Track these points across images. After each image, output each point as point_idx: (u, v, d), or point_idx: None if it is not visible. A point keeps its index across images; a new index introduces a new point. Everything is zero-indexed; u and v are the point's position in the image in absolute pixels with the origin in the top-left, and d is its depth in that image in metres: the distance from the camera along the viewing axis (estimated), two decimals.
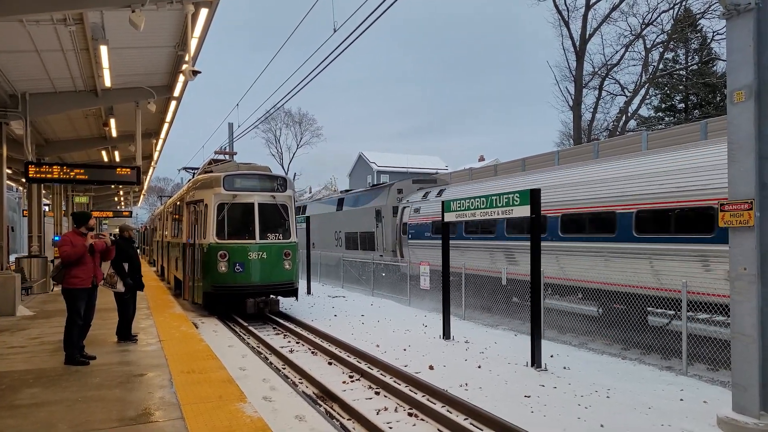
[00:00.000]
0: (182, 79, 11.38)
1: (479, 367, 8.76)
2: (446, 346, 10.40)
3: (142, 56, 11.13)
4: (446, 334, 11.02)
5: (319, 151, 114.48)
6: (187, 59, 9.10)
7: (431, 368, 8.65)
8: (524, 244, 10.55)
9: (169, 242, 19.30)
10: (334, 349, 10.07)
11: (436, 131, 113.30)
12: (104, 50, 9.64)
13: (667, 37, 27.43)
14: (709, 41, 29.01)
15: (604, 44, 38.17)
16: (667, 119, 32.74)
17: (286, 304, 15.42)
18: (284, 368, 9.04)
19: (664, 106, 33.62)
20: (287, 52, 15.13)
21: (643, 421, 6.23)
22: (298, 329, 12.18)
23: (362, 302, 16.76)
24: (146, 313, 11.75)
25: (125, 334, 8.73)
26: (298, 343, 11.11)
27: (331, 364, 9.29)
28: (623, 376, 8.25)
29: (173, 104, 14.06)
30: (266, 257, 13.06)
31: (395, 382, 7.82)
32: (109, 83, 11.65)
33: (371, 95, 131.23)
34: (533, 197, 8.57)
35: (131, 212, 44.94)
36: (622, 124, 29.50)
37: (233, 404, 5.42)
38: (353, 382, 8.15)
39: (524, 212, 8.73)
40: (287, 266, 13.38)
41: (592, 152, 16.80)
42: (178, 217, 16.77)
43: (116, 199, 40.47)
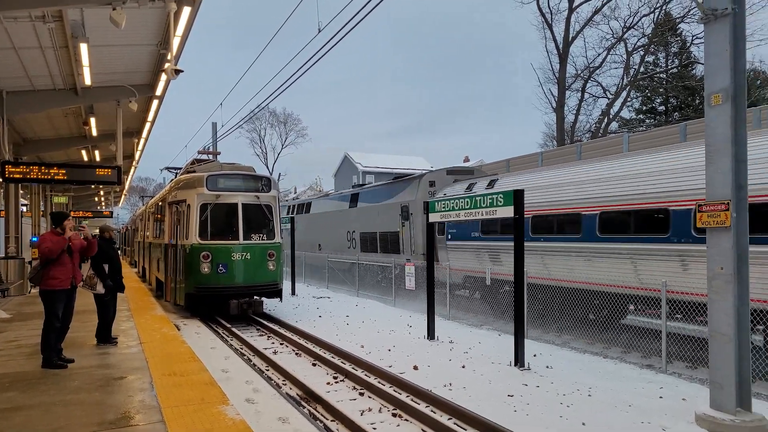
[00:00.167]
0: (164, 77, 11.28)
1: (463, 367, 8.79)
2: (431, 346, 10.42)
3: (123, 54, 11.00)
4: (431, 334, 11.05)
5: (304, 151, 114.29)
6: (169, 58, 9.01)
7: (416, 368, 8.66)
8: (631, 246, 9.74)
9: (150, 243, 19.08)
10: (318, 350, 10.04)
11: (423, 132, 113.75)
12: (84, 48, 9.50)
13: (647, 40, 27.84)
14: (688, 45, 29.51)
15: (586, 47, 38.55)
16: (647, 121, 33.22)
17: (270, 305, 15.33)
18: (268, 370, 8.99)
19: (645, 108, 34.11)
20: (272, 51, 15.09)
21: (623, 418, 6.31)
22: (282, 330, 12.12)
23: (347, 303, 16.73)
24: (127, 315, 11.59)
25: (105, 336, 8.61)
26: (282, 344, 11.05)
27: (315, 365, 9.26)
28: (605, 374, 8.35)
29: (155, 103, 13.90)
30: (250, 258, 12.97)
31: (379, 382, 7.82)
32: (89, 81, 11.48)
33: (357, 95, 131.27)
34: (516, 198, 8.63)
35: (112, 212, 44.31)
36: (604, 125, 29.86)
37: (215, 407, 5.37)
38: (337, 383, 8.13)
39: (508, 213, 8.79)
40: (271, 267, 13.31)
41: (575, 153, 16.99)
42: (160, 217, 16.59)
43: (97, 199, 39.90)
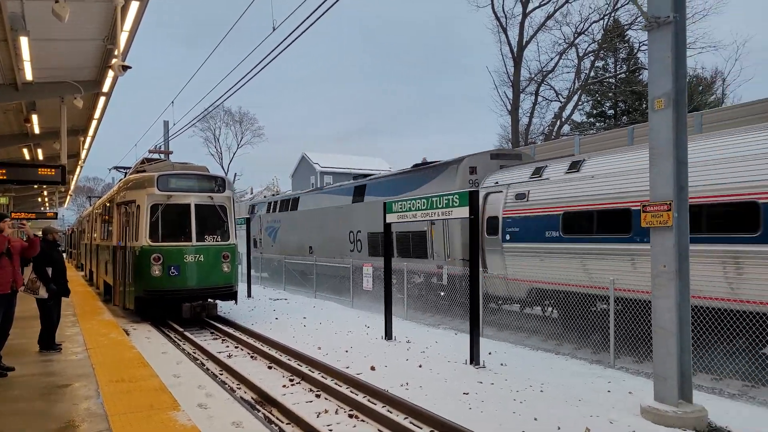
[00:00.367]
0: (111, 74, 10.87)
1: (420, 366, 8.85)
2: (388, 346, 10.45)
3: (67, 49, 10.53)
4: (388, 334, 11.08)
5: (260, 151, 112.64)
6: (116, 53, 8.69)
7: (373, 369, 8.66)
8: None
9: (98, 245, 18.37)
10: (274, 352, 9.90)
11: (381, 133, 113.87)
12: (25, 42, 9.05)
13: (597, 46, 28.82)
14: (635, 51, 30.71)
15: (540, 51, 39.77)
16: (598, 124, 34.39)
17: (225, 307, 15.02)
18: (222, 374, 8.80)
19: (595, 112, 35.27)
20: (227, 49, 14.78)
21: (573, 413, 6.49)
22: (237, 333, 11.89)
23: (304, 304, 16.57)
24: (72, 320, 11.12)
25: (48, 342, 8.22)
26: (237, 347, 10.84)
27: (271, 368, 9.12)
28: (557, 370, 8.57)
29: (102, 100, 13.39)
30: (203, 260, 12.67)
31: (336, 384, 7.78)
32: (30, 77, 10.95)
33: (315, 95, 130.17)
34: (472, 199, 8.76)
35: (57, 214, 42.41)
36: (556, 128, 30.72)
37: (165, 413, 5.21)
38: (294, 385, 8.04)
39: (463, 213, 8.90)
40: (226, 269, 13.04)
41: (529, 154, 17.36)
42: (108, 218, 15.99)
43: (40, 200, 38.15)
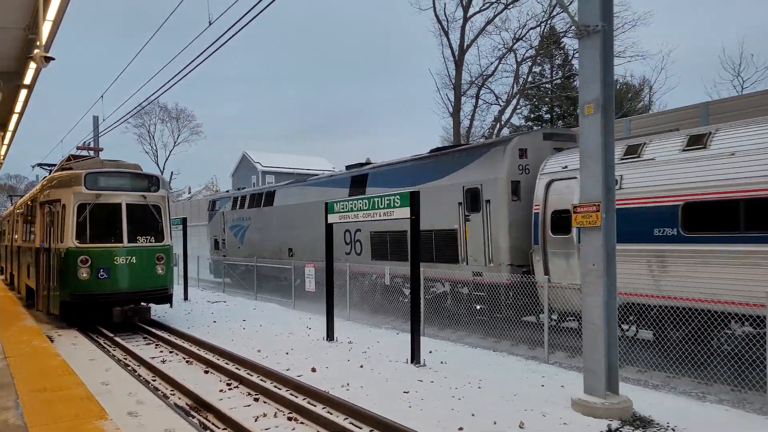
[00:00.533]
0: (34, 65, 10.21)
1: (361, 366, 8.85)
2: (329, 347, 10.38)
3: None
4: (330, 335, 11.01)
5: (199, 149, 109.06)
6: (38, 44, 8.17)
7: (314, 370, 8.58)
8: None
9: (19, 247, 17.22)
10: (211, 356, 9.62)
11: (324, 133, 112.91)
12: None
13: (535, 52, 29.82)
14: (570, 58, 31.99)
15: (480, 55, 40.66)
16: (535, 128, 35.64)
17: (159, 311, 14.46)
18: (155, 380, 8.46)
19: (532, 116, 36.54)
20: (162, 43, 14.22)
21: (509, 407, 6.68)
22: (172, 338, 11.47)
23: (244, 307, 16.20)
24: None
25: None
26: (171, 352, 10.45)
27: (207, 372, 8.86)
28: (494, 367, 8.79)
29: (24, 93, 12.55)
30: (136, 262, 12.13)
31: (276, 387, 7.65)
32: None
33: (256, 93, 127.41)
34: (413, 199, 8.84)
35: None
36: (496, 131, 31.55)
37: (91, 422, 4.94)
38: (231, 389, 7.84)
39: (404, 214, 8.98)
40: (160, 271, 12.54)
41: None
42: (30, 218, 15.03)
43: None
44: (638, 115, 21.43)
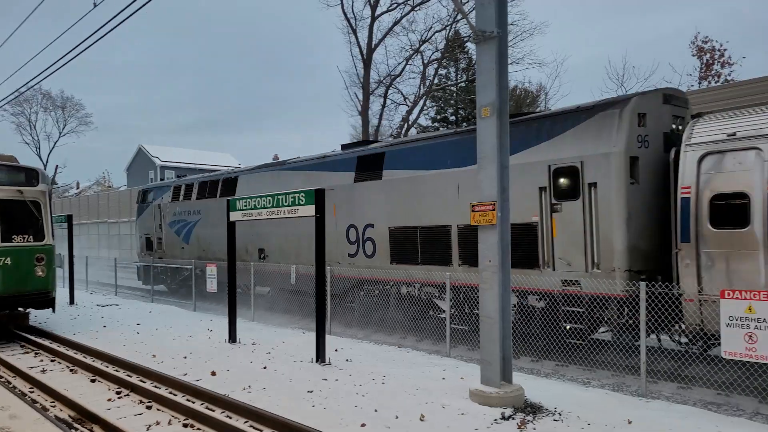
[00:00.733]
0: None
1: (264, 368, 8.65)
2: (231, 350, 10.04)
3: None
4: (232, 337, 10.65)
5: (89, 141, 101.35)
6: None
7: (213, 374, 8.26)
8: None
9: None
10: (99, 364, 8.94)
11: (228, 127, 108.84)
12: None
13: (440, 55, 30.73)
14: (473, 62, 33.36)
15: (388, 55, 41.19)
16: (441, 129, 36.78)
17: (40, 317, 13.24)
18: (32, 392, 7.71)
19: (439, 117, 37.68)
20: (44, 24, 12.94)
21: (411, 401, 6.82)
22: (54, 345, 10.51)
23: (139, 310, 15.24)
24: None
25: None
26: (53, 361, 9.59)
27: (94, 381, 8.21)
28: (398, 362, 8.95)
29: None
30: (11, 263, 10.97)
31: (171, 393, 7.25)
32: None
33: (152, 84, 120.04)
34: (317, 197, 8.76)
35: None
36: (404, 131, 32.17)
37: None
38: (121, 398, 7.33)
39: (309, 212, 8.87)
40: (40, 273, 11.44)
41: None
42: None
43: None
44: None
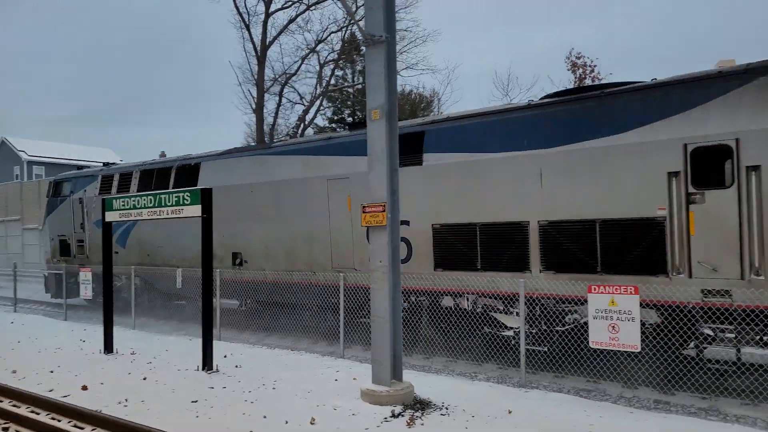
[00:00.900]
0: None
1: (144, 378, 8.09)
2: (107, 361, 9.29)
3: None
4: (108, 347, 9.85)
5: None
6: None
7: (85, 389, 7.57)
8: None
9: None
10: None
11: (107, 121, 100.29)
12: None
13: (337, 56, 30.73)
14: None
15: (283, 53, 40.30)
16: (339, 130, 36.83)
17: None
18: None
19: (336, 118, 37.69)
20: None
21: (302, 404, 6.73)
22: None
23: None
24: None
25: None
26: None
27: None
28: (291, 366, 8.80)
29: None
30: None
31: (33, 411, 6.54)
32: None
33: (18, 71, 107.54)
34: (204, 197, 8.36)
35: None
36: (300, 131, 31.77)
37: None
38: None
39: (195, 212, 8.44)
40: None
41: None
42: None
43: None
44: None
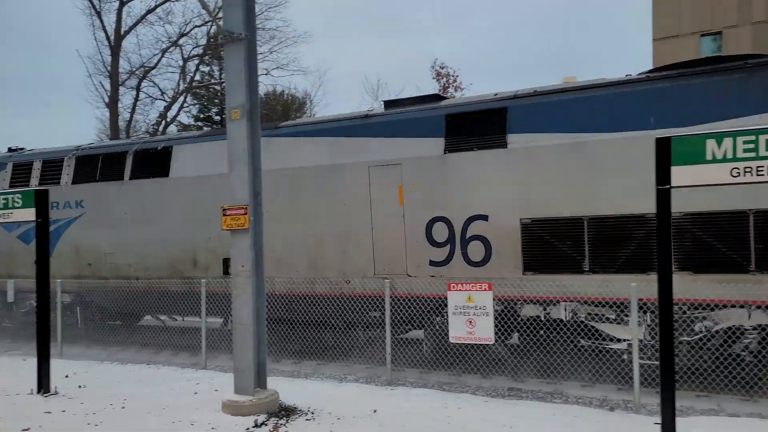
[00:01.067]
0: None
1: None
2: None
3: None
4: None
5: None
6: None
7: None
8: None
9: None
10: None
11: None
12: None
13: (202, 51, 29.26)
14: None
15: (140, 45, 37.26)
16: (205, 128, 35.04)
17: None
18: None
19: (202, 116, 35.84)
20: None
21: (156, 423, 6.26)
22: None
23: None
24: None
25: None
26: None
27: None
28: (146, 381, 8.16)
29: None
30: None
31: None
32: None
33: None
34: (39, 199, 7.44)
35: None
36: (162, 128, 29.75)
37: None
38: None
39: (28, 216, 7.48)
40: None
41: None
42: None
43: None
44: None
